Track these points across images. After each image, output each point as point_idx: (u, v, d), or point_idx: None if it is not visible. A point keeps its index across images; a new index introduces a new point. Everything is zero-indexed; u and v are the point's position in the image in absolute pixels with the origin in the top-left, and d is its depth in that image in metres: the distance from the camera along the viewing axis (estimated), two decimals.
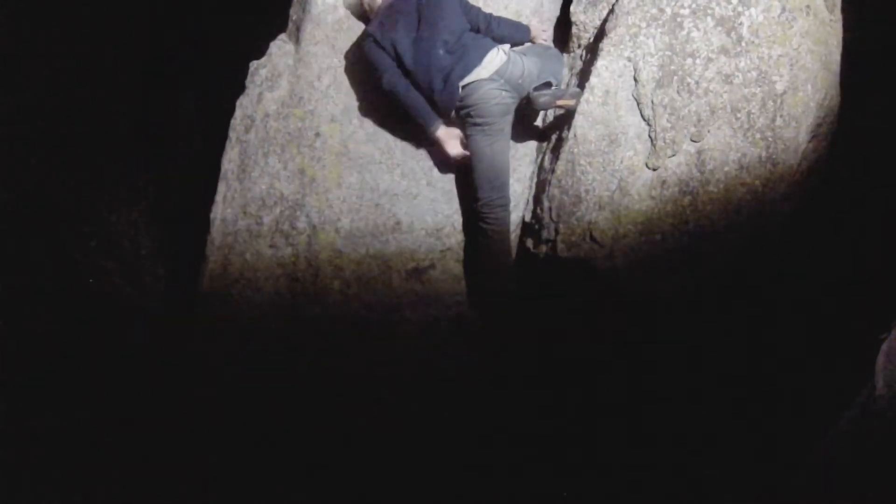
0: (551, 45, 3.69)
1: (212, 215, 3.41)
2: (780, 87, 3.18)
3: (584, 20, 3.64)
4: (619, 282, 3.24)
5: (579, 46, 3.68)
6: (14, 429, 3.74)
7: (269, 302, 3.37)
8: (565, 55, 3.73)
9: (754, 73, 3.21)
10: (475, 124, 3.23)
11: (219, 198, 3.41)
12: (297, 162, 3.38)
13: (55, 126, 4.02)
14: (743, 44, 3.24)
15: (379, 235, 3.37)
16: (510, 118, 3.33)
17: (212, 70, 4.25)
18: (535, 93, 3.28)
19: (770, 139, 3.18)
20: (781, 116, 3.18)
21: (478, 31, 3.37)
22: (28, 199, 4.04)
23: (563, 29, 3.81)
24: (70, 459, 3.66)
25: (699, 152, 3.24)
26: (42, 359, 3.94)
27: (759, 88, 3.21)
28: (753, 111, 3.20)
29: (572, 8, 3.72)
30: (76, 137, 4.03)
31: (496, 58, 3.26)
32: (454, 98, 3.24)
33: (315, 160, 3.39)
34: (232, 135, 3.46)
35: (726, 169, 3.20)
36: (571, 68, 3.68)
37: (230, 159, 3.43)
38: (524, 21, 3.63)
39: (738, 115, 3.21)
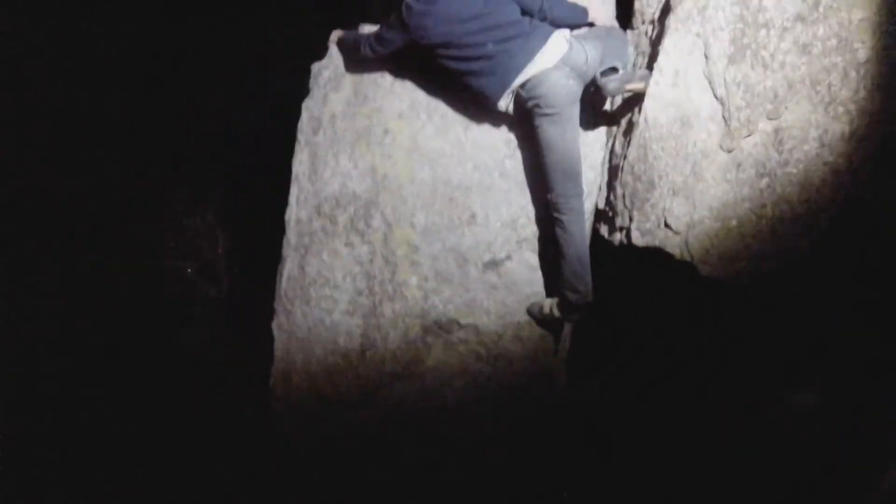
0: (614, 23, 3.56)
1: (286, 217, 3.47)
2: (862, 55, 2.99)
3: None
4: (696, 269, 3.17)
5: (643, 22, 3.54)
6: (85, 425, 3.92)
7: (348, 299, 3.42)
8: (629, 31, 3.60)
9: (834, 41, 3.03)
10: (544, 114, 3.12)
11: (292, 200, 3.46)
12: (368, 160, 3.39)
13: (130, 133, 4.13)
14: (821, 9, 3.04)
15: (454, 229, 3.36)
16: (578, 105, 3.21)
17: (274, 73, 4.28)
18: (604, 79, 3.17)
19: (854, 113, 3.00)
20: (866, 87, 3.00)
21: (532, 15, 3.25)
22: (106, 202, 4.17)
23: (626, 3, 3.67)
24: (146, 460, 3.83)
25: (776, 131, 3.09)
26: (127, 358, 4.11)
27: (840, 57, 3.02)
28: (834, 83, 3.02)
29: None
30: (149, 144, 4.13)
31: (559, 45, 3.13)
32: (506, 86, 3.15)
33: (386, 157, 3.39)
34: (301, 137, 3.49)
35: (806, 148, 3.04)
36: (637, 46, 3.55)
37: (300, 161, 3.47)
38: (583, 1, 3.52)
39: (818, 89, 3.03)
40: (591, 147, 3.45)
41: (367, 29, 3.55)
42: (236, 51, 4.39)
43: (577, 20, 3.40)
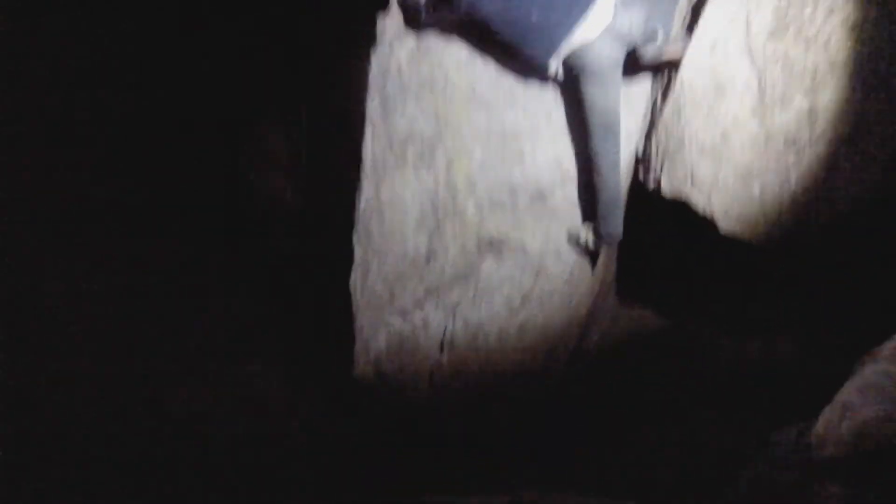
0: None
1: (363, 151, 3.98)
2: None
3: None
4: (716, 225, 3.56)
5: None
6: None
7: (416, 218, 4.00)
8: None
9: (887, 24, 3.07)
10: (588, 79, 3.41)
11: (367, 137, 3.96)
12: (432, 105, 3.83)
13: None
14: None
15: (506, 165, 3.85)
16: (621, 69, 3.46)
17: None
18: (642, 48, 3.40)
19: None
20: None
21: None
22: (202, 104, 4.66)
23: None
24: None
25: (811, 110, 3.26)
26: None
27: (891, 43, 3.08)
28: (882, 68, 3.11)
29: None
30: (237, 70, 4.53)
31: (603, 13, 3.29)
32: (551, 55, 3.38)
33: (447, 102, 3.82)
34: (372, 83, 3.91)
35: (839, 130, 3.22)
36: None
37: (373, 105, 3.92)
38: None
39: (862, 72, 3.14)
40: (636, 99, 3.73)
41: None
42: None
43: None
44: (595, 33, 3.31)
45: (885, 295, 3.62)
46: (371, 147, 3.97)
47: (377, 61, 3.91)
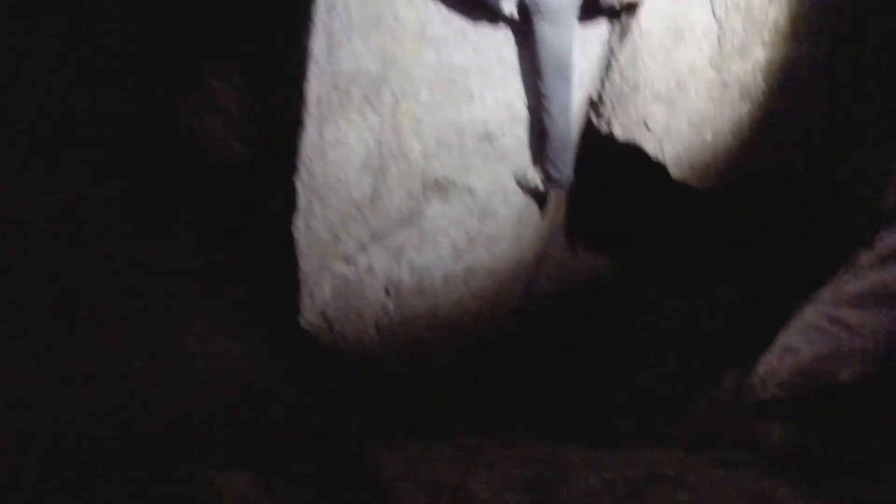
0: None
1: (306, 91, 3.77)
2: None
3: None
4: (668, 171, 3.58)
5: None
6: None
7: (361, 160, 3.87)
8: None
9: None
10: (542, 16, 3.33)
11: (311, 76, 3.75)
12: (379, 43, 3.69)
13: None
14: None
15: (455, 105, 3.77)
16: (577, 8, 3.39)
17: None
18: None
19: (854, 55, 3.17)
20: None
21: None
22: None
23: None
24: None
25: (769, 61, 3.29)
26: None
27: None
28: (840, 25, 3.14)
29: None
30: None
31: None
32: None
33: (395, 40, 3.68)
34: (317, 21, 3.69)
35: (795, 84, 3.28)
36: None
37: (318, 43, 3.70)
38: None
39: (823, 26, 3.16)
40: (591, 42, 3.67)
41: None
42: None
43: None
44: None
45: (824, 242, 3.75)
46: (315, 87, 3.77)
47: None
